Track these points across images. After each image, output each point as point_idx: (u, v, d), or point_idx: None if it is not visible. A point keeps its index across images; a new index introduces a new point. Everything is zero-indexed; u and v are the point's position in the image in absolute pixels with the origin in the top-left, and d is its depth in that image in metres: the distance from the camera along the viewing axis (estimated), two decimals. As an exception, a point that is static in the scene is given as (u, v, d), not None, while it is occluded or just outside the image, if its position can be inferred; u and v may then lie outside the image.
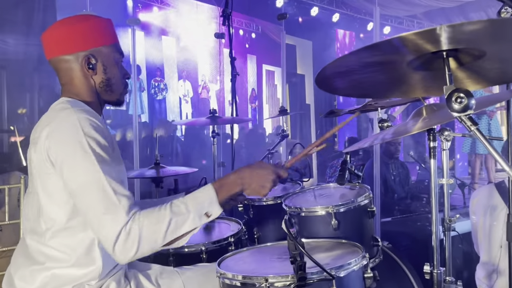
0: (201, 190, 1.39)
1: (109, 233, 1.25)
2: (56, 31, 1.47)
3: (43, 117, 1.44)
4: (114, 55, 1.52)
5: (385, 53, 0.94)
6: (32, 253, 1.40)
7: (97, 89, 1.50)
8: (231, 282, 1.43)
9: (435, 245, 1.62)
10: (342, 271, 1.39)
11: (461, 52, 0.97)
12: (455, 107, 0.94)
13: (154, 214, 1.29)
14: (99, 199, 1.28)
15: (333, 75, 1.10)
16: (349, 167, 2.08)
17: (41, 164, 1.35)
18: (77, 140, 1.30)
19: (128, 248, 1.25)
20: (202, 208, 1.35)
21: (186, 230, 1.33)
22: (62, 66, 1.48)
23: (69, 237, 1.37)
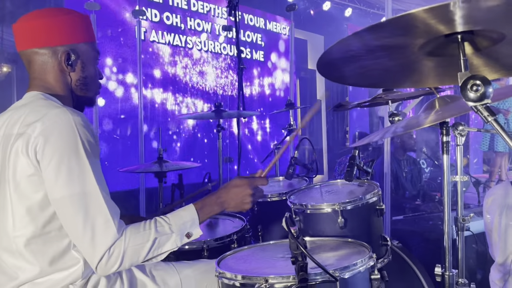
0: (184, 210, 1.41)
1: (97, 250, 1.22)
2: (31, 22, 1.38)
3: (11, 112, 1.33)
4: (93, 53, 1.46)
5: (393, 35, 0.85)
6: (4, 267, 1.30)
7: (73, 86, 1.43)
8: (230, 282, 1.37)
9: (447, 246, 1.53)
10: (347, 272, 1.31)
11: (478, 35, 0.88)
12: (471, 95, 0.85)
13: (139, 233, 1.29)
14: (94, 212, 1.23)
15: (339, 61, 1.02)
16: (357, 163, 2.00)
17: (22, 164, 1.25)
18: (75, 145, 1.24)
19: (110, 265, 1.25)
20: (185, 229, 1.37)
21: (167, 249, 1.34)
22: (36, 60, 1.39)
23: (44, 244, 1.28)
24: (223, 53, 5.96)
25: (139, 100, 3.49)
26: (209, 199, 1.45)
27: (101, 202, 1.24)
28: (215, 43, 5.88)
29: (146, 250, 1.29)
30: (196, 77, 5.65)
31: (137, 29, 3.51)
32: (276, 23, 6.88)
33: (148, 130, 4.83)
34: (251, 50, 6.41)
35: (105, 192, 1.27)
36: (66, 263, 1.30)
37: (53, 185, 1.23)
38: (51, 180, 1.23)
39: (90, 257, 1.25)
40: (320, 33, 8.11)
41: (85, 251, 1.26)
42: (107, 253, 1.23)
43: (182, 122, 5.08)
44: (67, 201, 1.22)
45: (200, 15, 5.74)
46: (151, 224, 1.32)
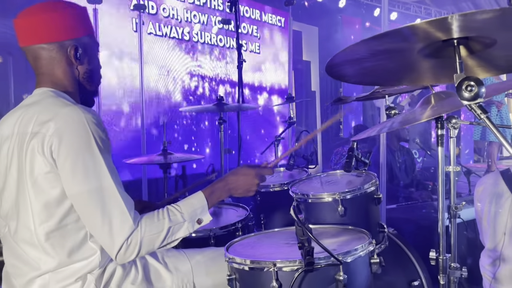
0: (194, 197, 1.49)
1: (116, 241, 1.30)
2: (35, 17, 1.39)
3: (23, 110, 1.37)
4: (95, 45, 1.51)
5: (396, 42, 0.94)
6: (26, 258, 1.36)
7: (80, 79, 1.47)
8: (240, 267, 1.46)
9: (441, 232, 1.64)
10: (349, 257, 1.41)
11: (472, 40, 0.97)
12: (465, 95, 0.94)
13: (154, 223, 1.36)
14: (111, 206, 1.30)
15: (343, 62, 1.11)
16: (356, 154, 2.10)
17: (40, 160, 1.30)
18: (88, 143, 1.29)
19: (128, 254, 1.33)
20: (195, 216, 1.45)
21: (180, 236, 1.43)
22: (43, 55, 1.41)
23: (62, 237, 1.34)
24: (220, 44, 6.01)
25: (141, 92, 3.55)
26: (217, 186, 1.53)
27: (116, 196, 1.31)
28: (211, 35, 5.92)
29: (161, 238, 1.37)
30: (193, 68, 5.70)
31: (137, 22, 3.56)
32: (272, 15, 6.93)
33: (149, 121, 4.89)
34: (247, 42, 6.46)
35: (119, 186, 1.34)
36: (84, 253, 1.37)
37: (70, 181, 1.29)
38: (68, 177, 1.29)
39: (109, 248, 1.32)
40: (315, 24, 8.17)
41: (104, 243, 1.33)
42: (125, 243, 1.30)
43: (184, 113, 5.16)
44: (85, 196, 1.29)
45: (197, 7, 5.78)
46: (164, 213, 1.39)
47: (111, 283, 1.42)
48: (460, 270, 1.93)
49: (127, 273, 1.48)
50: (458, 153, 9.78)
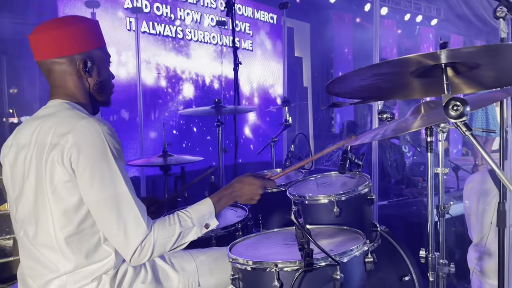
0: (202, 203, 1.60)
1: (131, 245, 1.40)
2: (48, 33, 1.46)
3: (40, 121, 1.44)
4: (105, 57, 1.58)
5: (390, 68, 1.04)
6: (45, 261, 1.44)
7: (91, 91, 1.55)
8: (243, 267, 1.55)
9: (430, 232, 1.74)
10: (345, 257, 1.51)
11: (458, 64, 1.07)
12: (452, 114, 1.04)
13: (166, 228, 1.47)
14: (126, 212, 1.39)
15: (341, 81, 1.20)
16: (349, 156, 2.19)
17: (59, 170, 1.37)
18: (105, 154, 1.38)
19: (142, 257, 1.43)
20: (204, 221, 1.57)
21: (189, 240, 1.54)
22: (55, 69, 1.49)
23: (79, 241, 1.43)
24: (213, 42, 6.07)
25: (138, 92, 3.61)
26: (224, 193, 1.66)
27: (131, 202, 1.41)
28: (205, 33, 5.97)
29: (172, 242, 1.48)
30: (187, 67, 5.76)
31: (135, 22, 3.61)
32: (264, 13, 6.99)
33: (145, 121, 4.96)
34: (239, 39, 6.52)
35: (133, 193, 1.43)
36: (100, 256, 1.46)
37: (88, 190, 1.38)
38: (86, 186, 1.37)
39: (125, 252, 1.42)
40: (306, 20, 8.24)
41: (119, 246, 1.43)
42: (140, 246, 1.40)
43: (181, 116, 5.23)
44: (102, 203, 1.38)
45: (190, 5, 5.82)
46: (175, 219, 1.50)
47: (123, 283, 1.52)
48: (448, 266, 2.05)
49: (138, 273, 1.57)
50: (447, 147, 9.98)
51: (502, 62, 1.03)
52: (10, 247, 3.59)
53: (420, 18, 10.17)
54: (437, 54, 0.96)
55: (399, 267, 2.36)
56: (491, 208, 2.77)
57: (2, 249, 3.65)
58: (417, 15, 10.13)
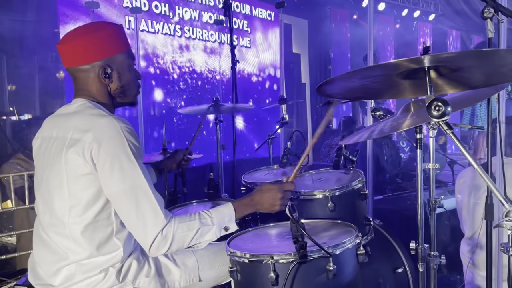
0: (224, 206, 1.64)
1: (149, 234, 1.46)
2: (72, 43, 1.55)
3: (63, 118, 1.55)
4: (128, 61, 1.63)
5: (379, 70, 1.11)
6: (55, 248, 1.52)
7: (113, 94, 1.63)
8: (240, 260, 1.63)
9: (420, 225, 1.82)
10: (338, 249, 1.59)
11: (440, 66, 1.14)
12: (434, 113, 1.11)
13: (185, 222, 1.52)
14: (144, 203, 1.46)
15: (330, 84, 1.26)
16: (344, 153, 2.27)
17: (79, 164, 1.45)
18: (124, 148, 1.45)
19: (161, 248, 1.48)
20: (223, 223, 1.60)
21: (208, 239, 1.58)
22: (80, 75, 1.59)
23: (94, 231, 1.51)
24: (211, 40, 6.12)
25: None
26: (245, 200, 1.68)
27: (149, 194, 1.48)
28: (203, 30, 6.03)
29: (191, 237, 1.52)
30: (186, 64, 5.82)
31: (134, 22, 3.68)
32: (262, 10, 7.04)
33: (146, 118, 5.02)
34: (237, 36, 6.58)
35: (151, 185, 1.50)
36: (109, 248, 1.54)
37: (109, 182, 1.46)
38: (106, 178, 1.45)
39: (144, 241, 1.48)
40: (304, 17, 8.29)
41: (138, 237, 1.50)
42: (159, 235, 1.46)
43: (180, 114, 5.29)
44: (122, 194, 1.46)
45: (188, 3, 5.87)
46: (196, 215, 1.56)
47: (128, 276, 1.59)
48: (439, 258, 2.13)
49: (142, 267, 1.64)
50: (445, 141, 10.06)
51: (481, 65, 1.10)
52: (13, 244, 3.67)
53: (418, 13, 10.22)
54: (420, 59, 1.03)
55: (392, 259, 2.44)
56: (482, 203, 2.83)
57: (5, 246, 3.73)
58: (415, 11, 10.18)
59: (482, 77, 1.21)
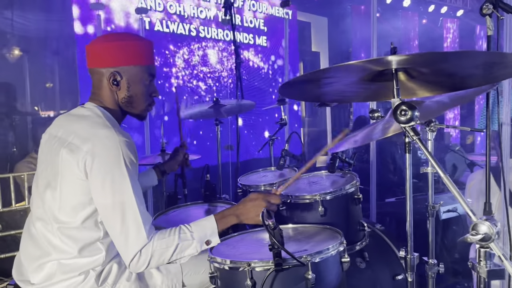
0: (205, 220, 1.63)
1: (130, 251, 1.47)
2: (97, 45, 1.63)
3: (72, 119, 1.58)
4: (143, 75, 1.65)
5: (343, 72, 1.05)
6: (39, 242, 1.55)
7: (120, 103, 1.65)
8: (220, 266, 1.59)
9: (409, 232, 1.74)
10: (317, 257, 1.53)
11: (409, 69, 1.07)
12: (401, 119, 1.05)
13: (165, 239, 1.52)
14: (129, 219, 1.47)
15: (301, 85, 1.21)
16: (340, 156, 2.20)
17: (74, 168, 1.48)
18: (118, 162, 1.46)
19: (140, 265, 1.50)
20: (205, 237, 1.59)
21: (188, 254, 1.57)
22: (95, 77, 1.64)
23: (78, 234, 1.53)
24: (226, 39, 6.11)
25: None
26: (229, 211, 1.67)
27: (135, 211, 1.48)
28: (218, 30, 6.02)
29: (170, 254, 1.52)
30: (201, 64, 5.83)
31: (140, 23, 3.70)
32: (279, 8, 6.97)
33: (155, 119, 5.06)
34: (254, 35, 6.54)
35: (140, 203, 1.51)
36: (92, 251, 1.55)
37: (99, 193, 1.47)
38: (97, 189, 1.47)
39: (124, 256, 1.50)
40: (324, 14, 8.17)
41: (121, 251, 1.51)
42: (138, 254, 1.47)
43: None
44: (109, 208, 1.48)
45: (204, 3, 5.88)
46: (176, 231, 1.55)
47: (108, 279, 1.60)
48: (437, 266, 2.04)
49: (123, 271, 1.64)
50: (472, 142, 9.74)
51: (452, 67, 1.03)
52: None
53: (445, 9, 9.90)
54: (384, 60, 0.97)
55: (392, 265, 2.36)
56: (492, 207, 2.71)
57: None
58: (442, 6, 9.87)
59: (452, 81, 1.13)
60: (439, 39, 10.19)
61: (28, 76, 5.51)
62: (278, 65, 6.98)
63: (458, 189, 1.00)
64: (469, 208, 0.99)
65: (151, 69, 1.68)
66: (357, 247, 2.06)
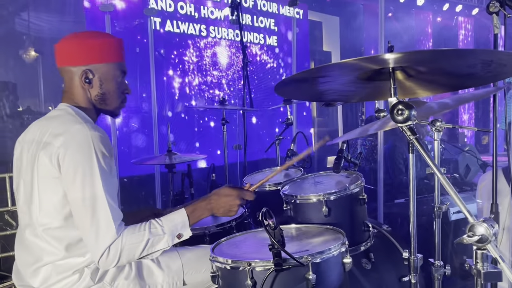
0: (176, 213, 1.63)
1: (99, 247, 1.47)
2: (67, 43, 1.62)
3: (45, 122, 1.58)
4: (115, 72, 1.66)
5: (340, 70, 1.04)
6: (31, 249, 1.56)
7: (93, 101, 1.66)
8: (222, 265, 1.59)
9: (412, 233, 1.72)
10: (318, 258, 1.52)
11: (407, 67, 1.05)
12: (398, 118, 1.03)
13: (135, 234, 1.52)
14: (99, 214, 1.47)
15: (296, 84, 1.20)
16: (345, 155, 2.18)
17: (48, 168, 1.49)
18: (89, 157, 1.47)
19: (109, 261, 1.49)
20: (176, 230, 1.59)
21: (160, 248, 1.57)
22: (66, 76, 1.64)
23: (63, 232, 1.53)
24: (237, 39, 6.11)
25: (152, 93, 3.72)
26: (200, 204, 1.68)
27: (105, 207, 1.48)
28: (229, 30, 6.03)
29: (141, 249, 1.53)
30: (211, 65, 5.84)
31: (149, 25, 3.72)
32: (290, 8, 6.95)
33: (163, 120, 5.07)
34: (264, 35, 6.53)
35: (110, 198, 1.51)
36: (80, 249, 1.55)
37: (70, 187, 1.48)
38: (68, 183, 1.48)
39: (94, 253, 1.50)
40: (336, 14, 8.12)
41: (89, 247, 1.51)
42: (107, 250, 1.47)
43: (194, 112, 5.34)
44: (79, 202, 1.48)
45: (214, 3, 5.89)
46: (146, 226, 1.55)
47: (105, 278, 1.60)
48: (443, 268, 2.01)
49: (121, 269, 1.64)
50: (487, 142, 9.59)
51: (450, 66, 1.01)
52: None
53: (460, 7, 9.76)
54: (379, 58, 0.95)
55: (398, 267, 2.32)
56: (503, 209, 2.67)
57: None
58: (457, 5, 9.73)
59: (451, 80, 1.11)
60: (453, 38, 10.05)
61: (42, 76, 5.59)
62: (289, 64, 6.96)
63: (455, 189, 0.98)
64: (466, 209, 0.97)
65: (122, 66, 1.69)
66: (362, 248, 2.04)
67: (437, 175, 0.99)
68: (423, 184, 4.61)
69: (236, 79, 6.08)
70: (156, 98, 3.75)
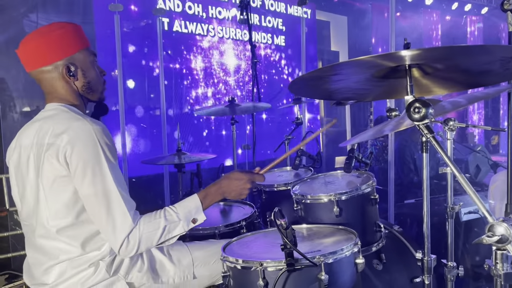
0: (189, 199, 1.65)
1: (118, 238, 1.48)
2: (31, 45, 1.56)
3: (41, 123, 1.53)
4: (90, 58, 1.63)
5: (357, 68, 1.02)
6: (46, 251, 1.55)
7: (80, 92, 1.63)
8: (232, 265, 1.58)
9: (426, 234, 1.69)
10: (331, 258, 1.50)
11: (423, 64, 1.03)
12: (414, 116, 1.01)
13: (151, 222, 1.54)
14: (114, 207, 1.48)
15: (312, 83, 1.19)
16: (356, 155, 2.16)
17: (55, 167, 1.47)
18: (96, 152, 1.47)
19: (129, 250, 1.51)
20: (190, 215, 1.61)
21: (177, 234, 1.59)
22: (44, 77, 1.58)
23: (77, 230, 1.53)
24: (245, 39, 6.10)
25: (161, 93, 3.72)
26: (212, 189, 1.69)
27: (119, 199, 1.49)
28: (237, 30, 6.02)
29: (158, 236, 1.54)
30: (219, 65, 5.84)
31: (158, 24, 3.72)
32: (298, 7, 6.93)
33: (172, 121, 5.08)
34: (272, 35, 6.51)
35: (122, 189, 1.51)
36: (96, 244, 1.56)
37: (81, 184, 1.48)
38: (79, 181, 1.48)
39: (113, 244, 1.51)
40: (344, 13, 8.08)
41: (108, 239, 1.52)
42: (126, 240, 1.49)
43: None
44: (92, 197, 1.48)
45: (222, 3, 5.88)
46: (161, 213, 1.57)
47: (120, 270, 1.62)
48: (456, 269, 1.98)
49: (134, 262, 1.67)
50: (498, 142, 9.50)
51: (467, 63, 0.99)
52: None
53: (469, 6, 9.68)
54: (396, 55, 0.94)
55: (410, 268, 2.30)
56: (516, 209, 2.63)
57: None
58: (466, 4, 9.65)
59: (468, 77, 1.09)
60: (462, 37, 9.97)
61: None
62: (297, 64, 6.93)
63: (474, 190, 0.96)
64: (486, 209, 0.95)
65: (91, 49, 1.66)
66: (374, 248, 2.02)
67: (456, 174, 0.97)
68: (433, 184, 4.58)
69: (245, 79, 6.08)
70: (165, 98, 3.75)
